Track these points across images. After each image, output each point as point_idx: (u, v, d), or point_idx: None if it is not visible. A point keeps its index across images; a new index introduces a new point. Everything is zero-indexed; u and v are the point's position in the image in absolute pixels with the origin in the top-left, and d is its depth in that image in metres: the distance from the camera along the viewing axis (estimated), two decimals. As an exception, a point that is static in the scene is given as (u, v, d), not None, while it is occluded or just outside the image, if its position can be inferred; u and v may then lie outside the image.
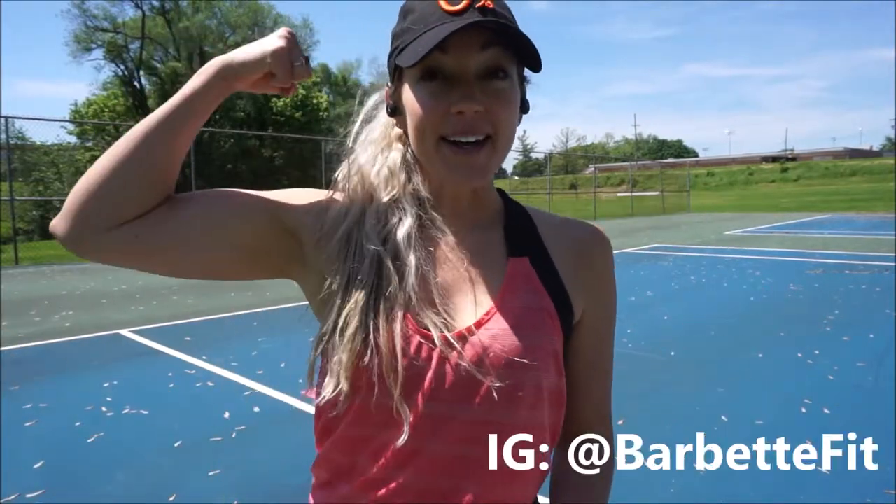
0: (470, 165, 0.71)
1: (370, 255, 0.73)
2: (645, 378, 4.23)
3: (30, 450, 3.15)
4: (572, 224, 0.84)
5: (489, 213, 0.81)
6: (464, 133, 0.69)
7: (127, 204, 0.69)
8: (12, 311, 6.91)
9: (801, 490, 2.56)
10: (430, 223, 0.77)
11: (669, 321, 6.05)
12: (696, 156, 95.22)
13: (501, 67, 0.70)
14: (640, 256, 11.73)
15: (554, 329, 0.74)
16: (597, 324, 0.83)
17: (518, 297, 0.74)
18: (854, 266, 9.36)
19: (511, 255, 0.78)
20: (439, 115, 0.69)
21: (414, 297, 0.71)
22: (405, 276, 0.72)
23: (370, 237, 0.74)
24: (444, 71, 0.69)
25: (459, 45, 0.68)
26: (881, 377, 4.10)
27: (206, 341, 5.42)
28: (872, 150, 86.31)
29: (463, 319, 0.73)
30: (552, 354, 0.73)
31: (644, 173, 42.86)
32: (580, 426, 0.81)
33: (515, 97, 0.73)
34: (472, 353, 0.70)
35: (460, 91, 0.69)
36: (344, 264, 0.73)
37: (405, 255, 0.73)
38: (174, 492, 2.70)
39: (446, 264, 0.77)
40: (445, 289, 0.74)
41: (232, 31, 37.61)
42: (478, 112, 0.69)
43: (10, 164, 15.59)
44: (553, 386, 0.73)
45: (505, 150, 0.73)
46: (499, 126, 0.71)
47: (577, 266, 0.80)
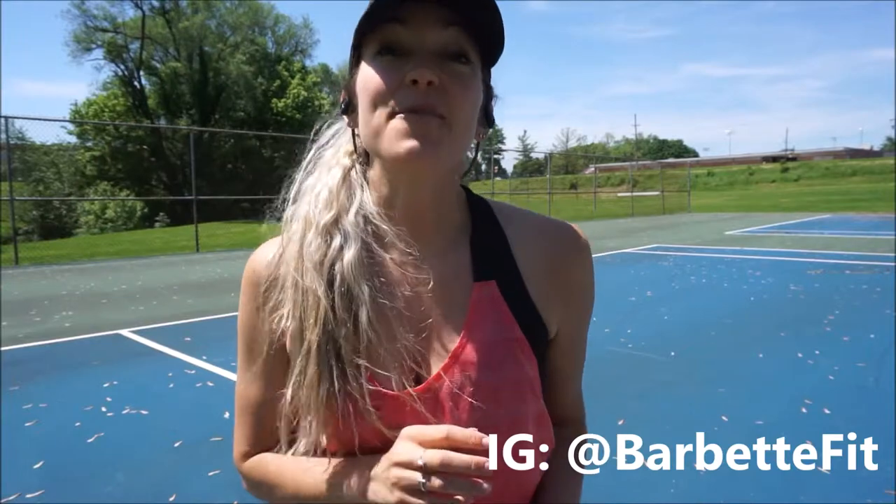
0: (422, 135, 0.62)
1: (311, 294, 0.68)
2: (645, 378, 4.23)
3: (30, 450, 3.15)
4: (548, 229, 0.77)
5: (454, 227, 0.75)
6: (416, 105, 0.63)
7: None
8: (12, 311, 6.91)
9: (801, 490, 2.56)
10: (380, 242, 0.71)
11: (669, 321, 6.05)
12: (696, 156, 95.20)
13: (463, 51, 0.65)
14: (640, 256, 11.73)
15: (526, 357, 0.71)
16: (572, 332, 0.79)
17: (485, 329, 0.70)
18: (854, 266, 9.36)
19: (477, 278, 0.72)
20: (392, 86, 0.63)
21: (372, 336, 0.67)
22: (358, 313, 0.67)
23: (308, 272, 0.68)
24: (401, 45, 0.64)
25: (419, 19, 0.63)
26: (881, 377, 4.10)
27: (206, 341, 5.42)
28: (872, 150, 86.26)
29: (430, 357, 0.70)
30: (526, 383, 0.71)
31: (644, 173, 42.86)
32: (556, 421, 0.79)
33: (476, 86, 0.67)
34: (444, 403, 0.68)
35: (415, 61, 0.63)
36: (294, 311, 0.69)
37: (354, 287, 0.67)
38: (174, 492, 2.70)
39: (406, 293, 0.71)
40: (409, 322, 0.70)
41: (232, 31, 37.60)
42: (432, 84, 0.62)
43: (10, 164, 15.59)
44: (532, 411, 0.72)
45: (461, 140, 0.67)
46: (454, 107, 0.64)
47: (552, 278, 0.75)
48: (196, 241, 14.56)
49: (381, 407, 0.67)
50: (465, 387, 0.68)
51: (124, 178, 34.27)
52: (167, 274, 10.34)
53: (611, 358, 4.69)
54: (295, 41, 41.41)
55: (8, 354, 5.10)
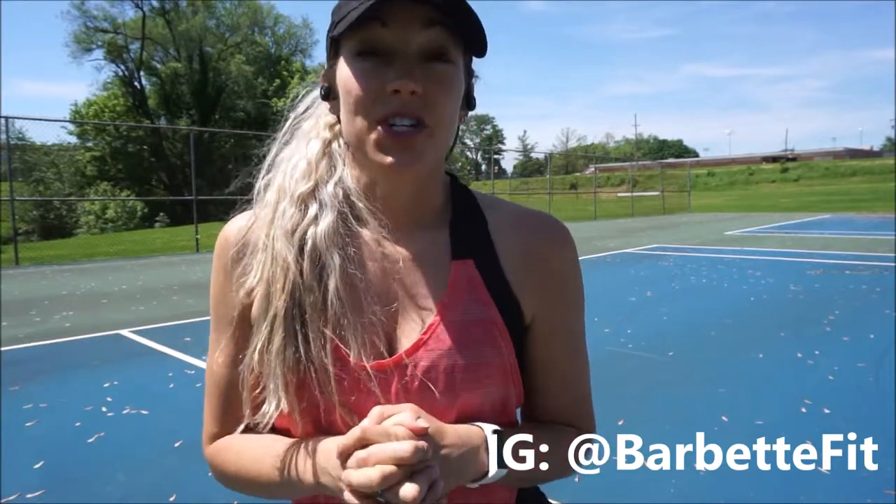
0: (403, 148, 0.63)
1: (281, 259, 0.67)
2: (645, 378, 4.23)
3: (30, 450, 3.15)
4: (528, 218, 0.76)
5: (433, 210, 0.74)
6: (397, 114, 0.63)
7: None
8: (12, 311, 6.91)
9: (801, 490, 2.55)
10: (356, 218, 0.71)
11: (669, 321, 6.05)
12: (696, 156, 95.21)
13: (445, 50, 0.64)
14: (640, 256, 11.73)
15: (501, 339, 0.70)
16: (552, 322, 0.76)
17: (461, 308, 0.69)
18: (854, 266, 9.36)
19: (455, 257, 0.72)
20: (373, 93, 0.63)
21: (338, 307, 0.66)
22: (327, 282, 0.67)
23: (279, 239, 0.68)
24: (381, 47, 0.64)
25: (401, 19, 0.62)
26: (881, 377, 4.10)
27: (206, 341, 5.41)
28: (872, 150, 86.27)
29: (400, 336, 0.69)
30: (498, 366, 0.69)
31: (644, 173, 42.89)
32: (563, 418, 0.78)
33: (458, 84, 0.66)
34: (410, 382, 0.67)
35: (397, 68, 0.63)
36: (261, 274, 0.69)
37: (326, 255, 0.67)
38: (174, 492, 2.70)
39: (379, 268, 0.71)
40: (379, 297, 0.69)
41: (232, 32, 37.60)
42: (414, 93, 0.62)
43: (11, 164, 15.59)
44: (501, 395, 0.70)
45: (443, 141, 0.67)
46: (436, 112, 0.64)
47: (529, 265, 0.74)
48: (196, 241, 14.55)
49: (342, 380, 0.67)
50: (436, 367, 0.67)
51: (124, 178, 34.29)
52: (167, 274, 10.33)
53: (611, 358, 4.69)
54: (295, 41, 41.47)
55: (8, 354, 5.10)
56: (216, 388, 0.76)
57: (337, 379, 0.66)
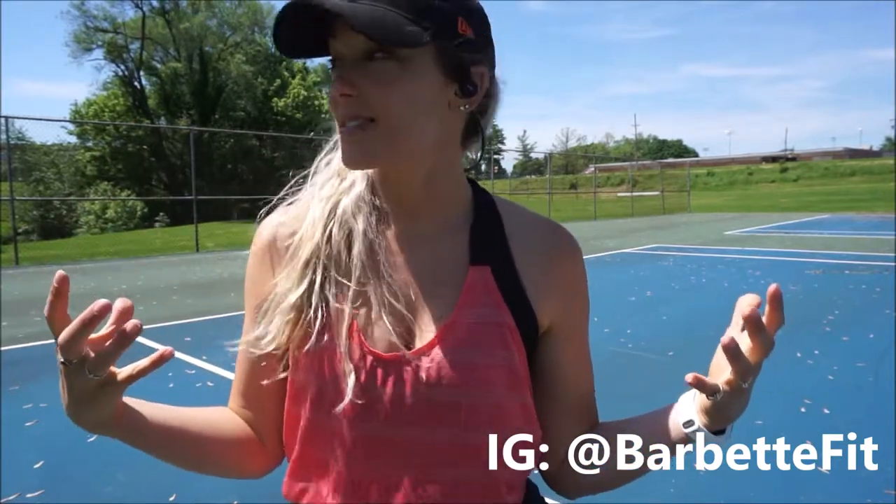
0: (350, 146, 0.68)
1: (315, 220, 0.74)
2: (645, 378, 4.23)
3: (30, 450, 3.15)
4: (542, 227, 0.79)
5: (454, 213, 0.77)
6: (342, 117, 0.68)
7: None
8: (12, 311, 6.91)
9: (801, 490, 2.56)
10: (381, 215, 0.75)
11: (669, 321, 6.05)
12: (696, 156, 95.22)
13: (379, 48, 0.65)
14: (640, 256, 11.73)
15: (513, 343, 0.71)
16: (571, 332, 0.78)
17: (475, 310, 0.71)
18: (854, 266, 9.36)
19: (473, 262, 0.73)
20: (332, 101, 0.68)
21: (362, 275, 0.71)
22: (351, 245, 0.72)
23: (315, 203, 0.75)
24: (337, 56, 0.68)
25: (340, 28, 0.66)
26: (881, 377, 4.10)
27: (206, 341, 5.41)
28: (872, 150, 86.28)
29: (415, 330, 0.71)
30: (506, 369, 0.70)
31: (644, 173, 42.92)
32: (582, 429, 0.79)
33: (404, 78, 0.65)
34: (420, 377, 0.68)
35: (334, 75, 0.68)
36: (299, 233, 0.75)
37: (352, 221, 0.73)
38: (174, 492, 2.70)
39: (401, 259, 0.74)
40: (399, 285, 0.72)
41: (232, 31, 37.60)
42: (350, 96, 0.66)
43: (11, 164, 15.59)
44: (500, 401, 0.70)
45: (400, 134, 0.67)
46: (380, 107, 0.65)
47: (543, 273, 0.76)
48: (196, 241, 14.56)
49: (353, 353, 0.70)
50: (447, 365, 0.68)
51: (124, 178, 34.27)
52: (167, 274, 10.33)
53: (611, 358, 4.69)
54: (295, 41, 41.30)
55: (8, 354, 5.10)
56: (238, 366, 0.81)
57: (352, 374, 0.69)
